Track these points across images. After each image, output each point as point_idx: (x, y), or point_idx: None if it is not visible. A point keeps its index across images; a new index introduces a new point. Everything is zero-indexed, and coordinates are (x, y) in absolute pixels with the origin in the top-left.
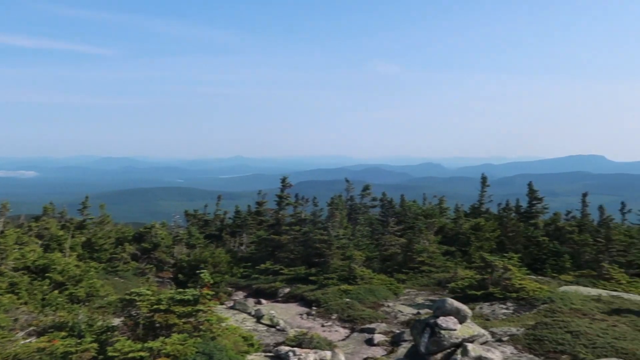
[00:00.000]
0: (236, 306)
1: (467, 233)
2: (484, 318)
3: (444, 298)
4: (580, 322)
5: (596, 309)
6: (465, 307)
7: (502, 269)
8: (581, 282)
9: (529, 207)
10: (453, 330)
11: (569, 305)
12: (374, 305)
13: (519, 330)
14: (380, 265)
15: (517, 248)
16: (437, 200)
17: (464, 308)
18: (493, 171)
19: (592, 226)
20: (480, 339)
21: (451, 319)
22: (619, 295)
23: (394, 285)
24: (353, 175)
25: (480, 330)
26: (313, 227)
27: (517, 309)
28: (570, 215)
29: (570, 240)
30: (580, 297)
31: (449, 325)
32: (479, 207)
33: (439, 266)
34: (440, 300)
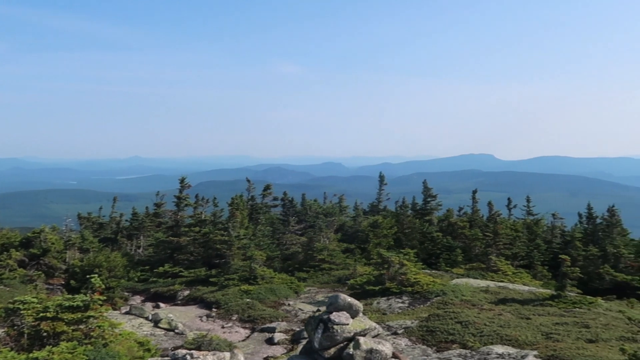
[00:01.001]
0: (132, 311)
1: (366, 230)
2: (381, 312)
3: (337, 294)
4: (469, 313)
5: (484, 300)
6: (358, 302)
7: (398, 265)
8: (472, 274)
9: (424, 204)
10: (345, 325)
11: (459, 297)
12: (275, 304)
13: (414, 322)
14: (281, 265)
15: (414, 244)
16: (338, 199)
17: (356, 303)
18: (391, 170)
19: (482, 221)
20: (372, 332)
21: (344, 314)
22: (505, 286)
23: (294, 283)
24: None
25: (372, 323)
26: (213, 228)
27: (412, 303)
28: (462, 212)
29: (462, 235)
30: (470, 289)
31: (341, 320)
32: (378, 205)
33: (339, 263)
34: (333, 296)
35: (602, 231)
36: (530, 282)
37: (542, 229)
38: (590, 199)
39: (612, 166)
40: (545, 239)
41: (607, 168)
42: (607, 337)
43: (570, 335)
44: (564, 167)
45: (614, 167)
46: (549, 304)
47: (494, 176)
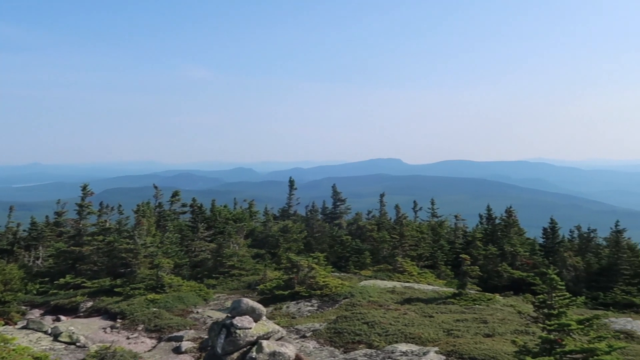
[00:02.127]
0: (30, 325)
1: (276, 235)
2: (290, 316)
3: (240, 298)
4: (375, 313)
5: (391, 300)
6: (260, 306)
7: (307, 269)
8: (379, 276)
9: (333, 208)
10: (248, 329)
11: (367, 298)
12: (183, 312)
13: (322, 325)
14: (190, 272)
15: (323, 247)
16: (248, 205)
17: (259, 307)
18: (302, 175)
19: (389, 224)
20: (275, 335)
21: (247, 318)
22: (410, 286)
23: (203, 290)
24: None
25: (276, 327)
26: (118, 236)
27: (321, 306)
28: (371, 215)
29: (370, 237)
30: (377, 290)
31: (244, 324)
32: (288, 210)
33: (249, 269)
34: (236, 300)
35: (501, 231)
36: (435, 281)
37: (445, 230)
38: (490, 200)
39: (510, 169)
40: (448, 240)
41: (506, 171)
42: (503, 331)
43: (470, 330)
44: (467, 171)
45: (512, 170)
46: (451, 301)
47: (402, 180)
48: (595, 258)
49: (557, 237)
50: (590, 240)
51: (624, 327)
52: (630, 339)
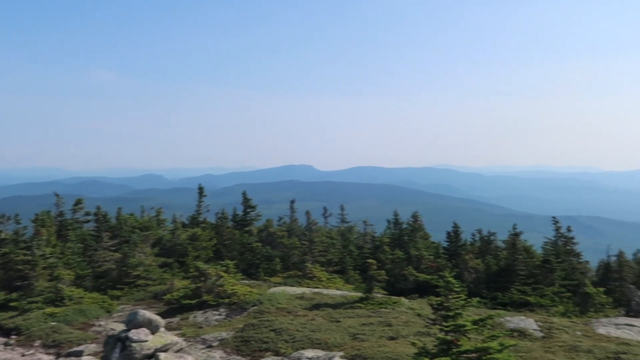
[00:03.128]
0: None
1: (185, 243)
2: (197, 326)
3: (136, 310)
4: (283, 320)
5: (299, 306)
6: (158, 317)
7: (215, 277)
8: (288, 282)
9: (244, 215)
10: (145, 342)
11: (275, 305)
12: (84, 326)
13: (229, 334)
14: (93, 283)
15: (233, 255)
16: (155, 212)
17: (156, 318)
18: (214, 181)
19: (300, 230)
20: (174, 347)
21: (143, 330)
22: (319, 292)
23: (107, 302)
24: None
25: (174, 338)
26: (14, 247)
27: (229, 314)
28: (282, 221)
29: (281, 244)
30: (286, 297)
31: (140, 337)
32: (197, 217)
33: (155, 279)
34: (132, 312)
35: (407, 235)
36: (343, 286)
37: (354, 235)
38: (398, 206)
39: (417, 175)
40: (357, 245)
41: (414, 177)
42: (407, 333)
43: (375, 334)
44: (377, 177)
45: (419, 176)
46: (358, 306)
47: (313, 186)
48: (494, 260)
49: (460, 240)
50: (490, 243)
51: (517, 326)
52: (523, 336)
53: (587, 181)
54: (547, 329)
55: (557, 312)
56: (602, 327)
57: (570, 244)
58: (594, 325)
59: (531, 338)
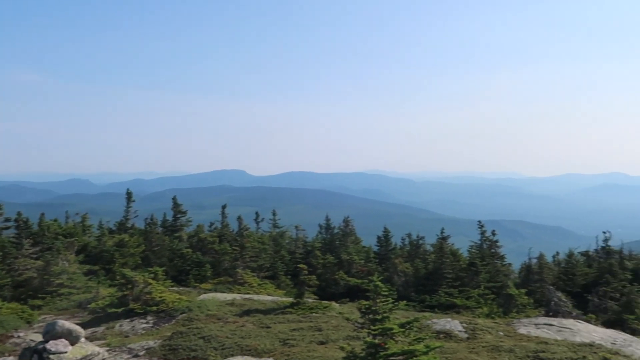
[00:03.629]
0: None
1: (111, 250)
2: (123, 335)
3: (55, 320)
4: (212, 327)
5: (229, 313)
6: (78, 328)
7: (143, 284)
8: (219, 288)
9: (173, 220)
10: (63, 353)
11: (205, 312)
12: (2, 337)
13: (156, 342)
14: (12, 293)
15: (163, 261)
16: (80, 218)
17: (76, 328)
18: (143, 186)
19: (231, 235)
20: (95, 358)
21: (62, 341)
22: (250, 297)
23: (27, 312)
24: None
25: (95, 349)
26: None
27: (157, 322)
28: (213, 227)
29: (211, 250)
30: (216, 303)
31: (59, 348)
32: (125, 223)
33: (80, 287)
34: (50, 323)
35: (339, 240)
36: (275, 292)
37: (286, 240)
38: (330, 211)
39: (349, 180)
40: (289, 250)
41: (346, 182)
42: (336, 337)
43: (305, 339)
44: (310, 182)
45: (351, 181)
46: (289, 311)
47: (246, 191)
48: (423, 263)
49: (390, 244)
50: (419, 247)
51: (443, 327)
52: (449, 337)
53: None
54: (472, 330)
55: (481, 314)
56: (523, 327)
57: (495, 247)
58: (515, 326)
59: (456, 339)
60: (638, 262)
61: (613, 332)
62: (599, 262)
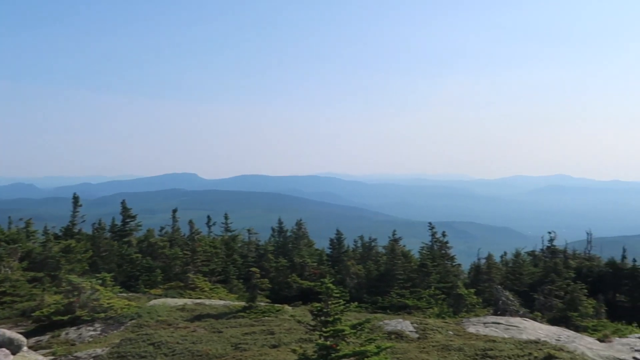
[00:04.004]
0: None
1: (57, 256)
2: (70, 343)
3: None
4: (163, 333)
5: (180, 318)
6: (20, 336)
7: (90, 291)
8: (170, 294)
9: (122, 225)
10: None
11: (155, 318)
12: None
13: (104, 350)
14: None
15: (111, 267)
16: (24, 224)
17: (17, 337)
18: (92, 190)
19: (183, 240)
20: None
21: (3, 351)
22: (201, 302)
23: None
24: None
25: (39, 357)
26: None
27: (105, 329)
28: (164, 231)
29: (162, 255)
30: (167, 309)
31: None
32: (72, 228)
33: (23, 295)
34: None
35: (292, 243)
36: (227, 296)
37: (239, 244)
38: (283, 214)
39: (302, 183)
40: (241, 254)
41: (299, 185)
42: (289, 340)
43: (257, 343)
44: (263, 185)
45: (304, 184)
46: (241, 315)
47: (197, 195)
48: (375, 265)
49: (343, 247)
50: (371, 249)
51: (395, 328)
52: (400, 338)
53: (461, 189)
54: (423, 330)
55: (432, 314)
56: (472, 326)
57: (445, 249)
58: (465, 325)
59: (407, 339)
60: (581, 261)
61: (558, 329)
62: (544, 262)
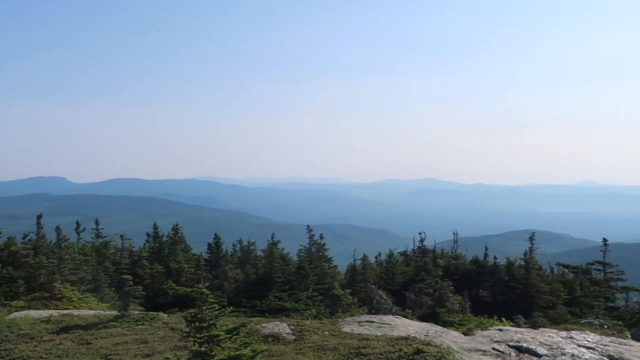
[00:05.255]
0: None
1: None
2: None
3: None
4: (24, 347)
5: (45, 331)
6: None
7: None
8: (33, 305)
9: None
10: None
11: (16, 331)
12: None
13: None
14: None
15: None
16: None
17: None
18: None
19: (48, 247)
20: None
21: None
22: (69, 313)
23: None
24: None
25: None
26: None
27: None
28: (27, 239)
29: (25, 263)
30: (29, 321)
31: None
32: None
33: None
34: None
35: (168, 248)
36: (97, 305)
37: (111, 251)
38: (160, 218)
39: (180, 187)
40: (114, 261)
41: (176, 189)
42: (163, 349)
43: (129, 352)
44: (138, 189)
45: (181, 188)
46: (113, 325)
47: (65, 200)
48: (254, 269)
49: (221, 251)
50: (250, 253)
51: (272, 331)
52: (277, 340)
53: (338, 192)
54: (299, 331)
55: (310, 315)
56: (347, 326)
57: (323, 251)
58: (340, 325)
59: (284, 342)
60: (448, 260)
61: (427, 325)
62: (415, 261)
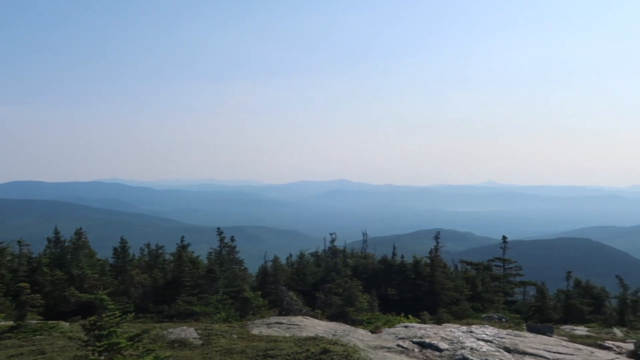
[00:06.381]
0: None
1: None
2: None
3: None
4: None
5: None
6: None
7: None
8: None
9: None
10: None
11: None
12: None
13: None
14: None
15: None
16: None
17: None
18: None
19: None
20: None
21: None
22: None
23: None
24: None
25: None
26: None
27: None
28: None
29: None
30: None
31: None
32: None
33: None
34: None
35: (70, 254)
36: None
37: (7, 257)
38: (63, 222)
39: (84, 190)
40: (10, 268)
41: (81, 192)
42: (62, 359)
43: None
44: (38, 192)
45: (86, 190)
46: (8, 336)
47: None
48: (162, 273)
49: (128, 256)
50: (158, 257)
51: (178, 336)
52: (184, 346)
53: (250, 194)
54: (207, 336)
55: (219, 319)
56: (256, 328)
57: (233, 253)
58: (249, 327)
59: (191, 347)
60: (358, 260)
61: (335, 325)
62: (326, 262)
